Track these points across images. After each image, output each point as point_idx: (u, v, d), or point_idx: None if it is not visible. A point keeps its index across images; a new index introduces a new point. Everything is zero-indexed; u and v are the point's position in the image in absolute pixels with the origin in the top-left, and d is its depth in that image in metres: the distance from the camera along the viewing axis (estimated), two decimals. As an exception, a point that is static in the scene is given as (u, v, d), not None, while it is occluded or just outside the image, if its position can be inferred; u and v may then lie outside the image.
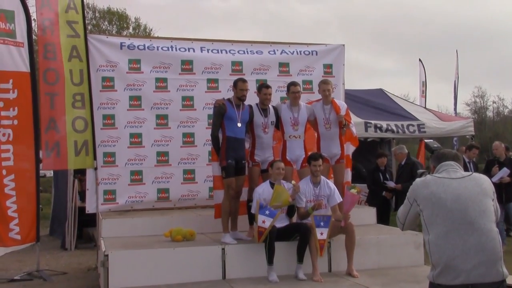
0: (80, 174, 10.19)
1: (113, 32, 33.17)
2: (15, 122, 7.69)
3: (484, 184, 3.54)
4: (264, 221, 5.98)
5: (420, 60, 17.84)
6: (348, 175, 7.45)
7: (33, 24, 8.37)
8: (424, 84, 17.46)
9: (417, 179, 3.68)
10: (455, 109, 19.14)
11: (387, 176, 10.06)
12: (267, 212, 6.02)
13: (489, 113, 48.48)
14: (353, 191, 6.23)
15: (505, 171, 9.68)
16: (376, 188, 9.98)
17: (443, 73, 66.05)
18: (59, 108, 7.71)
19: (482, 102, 47.78)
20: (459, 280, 3.30)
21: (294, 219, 6.51)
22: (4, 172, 7.56)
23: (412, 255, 6.72)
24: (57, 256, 9.67)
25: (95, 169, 7.81)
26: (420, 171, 4.41)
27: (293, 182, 6.41)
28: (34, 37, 8.43)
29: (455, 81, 18.45)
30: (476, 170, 10.35)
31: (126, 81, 8.00)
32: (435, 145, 13.14)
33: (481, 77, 69.86)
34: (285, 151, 6.89)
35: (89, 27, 29.34)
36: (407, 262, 6.64)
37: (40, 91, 7.73)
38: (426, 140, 13.15)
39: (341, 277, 6.10)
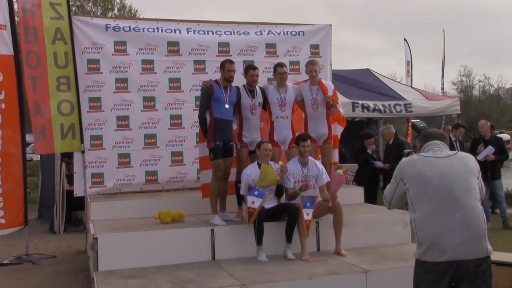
0: (67, 157, 10.13)
1: (98, 13, 32.69)
2: (3, 105, 7.63)
3: (469, 162, 3.59)
4: (254, 202, 5.99)
5: (405, 39, 17.85)
6: (335, 155, 7.49)
7: (15, 6, 8.23)
8: (409, 63, 17.50)
9: (404, 159, 3.72)
10: (442, 88, 19.24)
11: (374, 156, 10.12)
12: (256, 192, 6.03)
13: (475, 92, 48.93)
14: (340, 171, 6.25)
15: (490, 149, 9.78)
16: (364, 168, 10.03)
17: (430, 53, 66.27)
18: (42, 91, 7.60)
19: (468, 81, 48.17)
20: (445, 257, 3.36)
21: (283, 199, 6.54)
22: (-10, 156, 7.52)
23: (399, 234, 6.78)
24: (46, 240, 9.66)
25: (83, 152, 7.77)
26: (407, 150, 4.43)
27: (280, 163, 6.42)
28: (16, 19, 8.30)
29: (442, 60, 18.50)
30: (463, 148, 10.44)
31: (112, 63, 7.92)
32: (422, 125, 13.22)
33: (467, 56, 70.19)
34: (273, 132, 6.90)
35: (73, 9, 28.91)
36: (395, 241, 6.70)
37: (24, 75, 7.63)
38: (413, 120, 13.22)
39: (330, 256, 6.14)
